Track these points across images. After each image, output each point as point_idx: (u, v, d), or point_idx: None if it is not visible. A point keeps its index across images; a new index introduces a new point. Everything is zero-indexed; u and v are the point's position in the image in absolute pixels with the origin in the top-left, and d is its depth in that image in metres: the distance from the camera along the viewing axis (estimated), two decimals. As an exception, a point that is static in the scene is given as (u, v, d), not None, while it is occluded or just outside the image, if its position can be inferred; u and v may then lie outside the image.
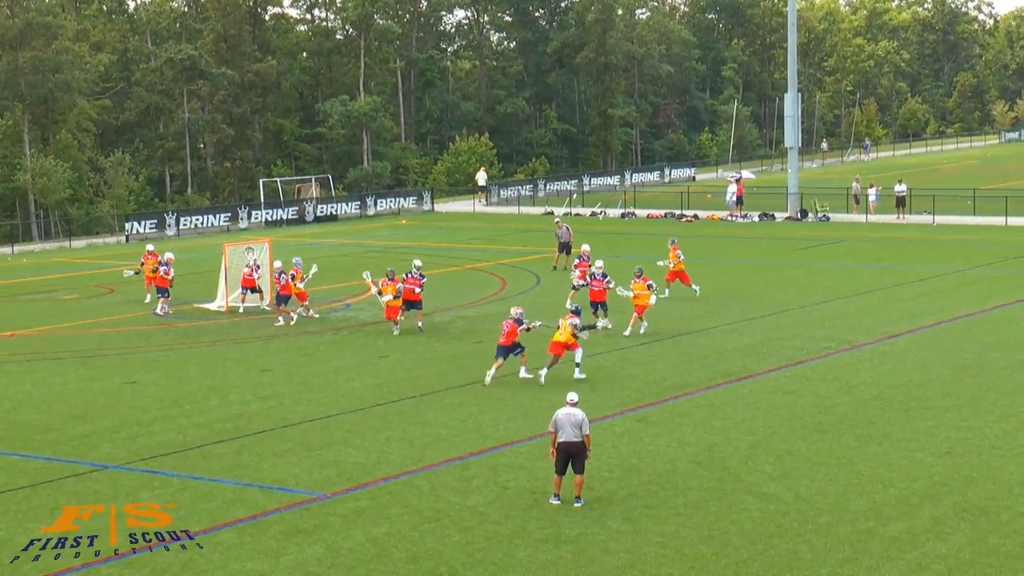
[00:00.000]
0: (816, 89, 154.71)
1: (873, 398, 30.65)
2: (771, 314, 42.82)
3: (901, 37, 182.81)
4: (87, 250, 70.84)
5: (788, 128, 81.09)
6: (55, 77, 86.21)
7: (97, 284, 54.29)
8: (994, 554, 20.21)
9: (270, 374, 34.90)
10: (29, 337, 41.83)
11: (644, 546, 20.83)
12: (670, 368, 34.39)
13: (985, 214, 72.66)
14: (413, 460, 26.07)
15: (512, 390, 32.19)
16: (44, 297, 51.50)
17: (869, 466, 24.98)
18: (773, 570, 19.75)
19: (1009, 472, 24.42)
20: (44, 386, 34.12)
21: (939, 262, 55.19)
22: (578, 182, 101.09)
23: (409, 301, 40.18)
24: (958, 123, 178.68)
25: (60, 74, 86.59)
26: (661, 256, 48.20)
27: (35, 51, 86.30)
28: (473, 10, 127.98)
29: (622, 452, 26.18)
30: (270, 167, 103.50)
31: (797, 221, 76.03)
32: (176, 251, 50.13)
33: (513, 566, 20.08)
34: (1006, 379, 32.34)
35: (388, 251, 64.54)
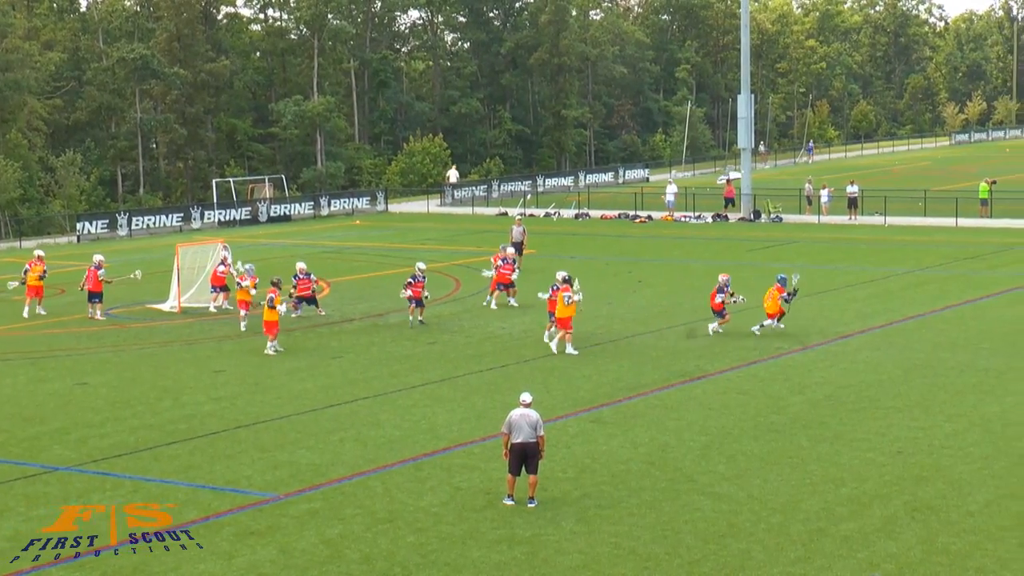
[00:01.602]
0: (769, 91, 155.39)
1: (825, 398, 30.81)
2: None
3: (853, 39, 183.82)
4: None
5: (741, 129, 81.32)
6: (5, 76, 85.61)
7: (48, 285, 53.72)
8: (944, 553, 20.35)
9: (223, 375, 34.76)
10: (-21, 338, 41.52)
11: (598, 546, 20.87)
12: (624, 369, 34.46)
13: (936, 215, 73.14)
14: (367, 461, 26.03)
15: (465, 391, 32.20)
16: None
17: (821, 466, 25.11)
18: (726, 570, 19.82)
19: (959, 471, 24.59)
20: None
21: (890, 263, 55.51)
22: (532, 183, 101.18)
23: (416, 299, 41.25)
24: (909, 125, 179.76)
25: (10, 73, 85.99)
26: (612, 255, 48.23)
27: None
28: (427, 11, 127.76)
29: (576, 453, 26.22)
30: (223, 167, 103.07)
31: (750, 222, 76.33)
32: (128, 252, 49.92)
33: (467, 567, 20.08)
34: (956, 379, 32.56)
35: (342, 252, 64.44)
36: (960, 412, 29.21)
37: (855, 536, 21.16)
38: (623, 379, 33.23)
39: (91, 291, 44.05)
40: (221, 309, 45.23)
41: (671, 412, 29.66)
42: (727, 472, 24.84)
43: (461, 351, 37.43)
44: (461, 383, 33.13)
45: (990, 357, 35.11)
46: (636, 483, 24.18)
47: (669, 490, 23.74)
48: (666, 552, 20.59)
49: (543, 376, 33.34)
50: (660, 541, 21.07)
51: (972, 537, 21.02)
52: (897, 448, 26.27)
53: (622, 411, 29.98)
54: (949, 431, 27.56)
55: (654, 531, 21.52)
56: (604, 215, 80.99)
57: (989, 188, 75.49)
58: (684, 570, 19.83)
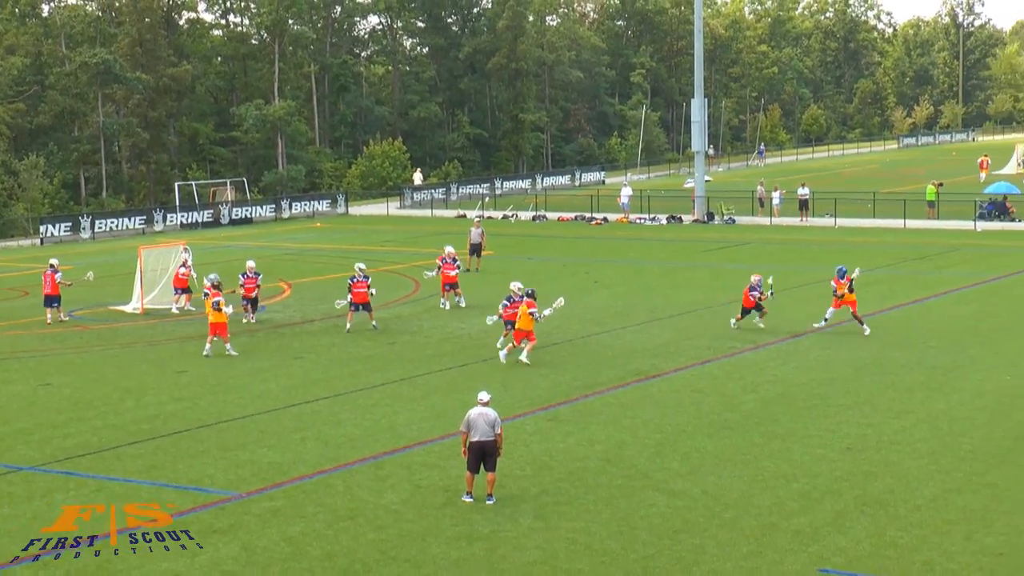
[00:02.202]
0: (722, 95, 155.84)
1: (777, 396, 30.95)
2: (679, 314, 43.12)
3: (804, 45, 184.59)
4: (1, 253, 69.90)
5: (695, 133, 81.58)
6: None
7: (11, 287, 53.55)
8: (892, 546, 20.49)
9: (185, 375, 34.64)
10: (-57, 340, 41.22)
11: (555, 542, 20.91)
12: (580, 367, 34.51)
13: (884, 217, 73.49)
14: (328, 460, 26.00)
15: (425, 390, 32.21)
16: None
17: (773, 462, 25.23)
18: (680, 564, 19.90)
19: (906, 467, 24.75)
20: (-42, 389, 33.68)
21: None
22: (490, 186, 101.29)
23: (360, 303, 40.54)
24: (859, 128, 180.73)
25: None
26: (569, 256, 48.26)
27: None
28: (386, 16, 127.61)
29: (533, 450, 26.26)
30: (185, 170, 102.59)
31: (704, 224, 76.57)
32: (92, 255, 49.64)
33: (427, 563, 20.10)
34: (904, 377, 32.77)
35: (303, 253, 64.31)
36: (908, 409, 29.41)
37: (806, 530, 21.27)
38: (580, 378, 33.28)
39: (48, 295, 43.49)
40: (183, 310, 45.07)
41: (627, 410, 29.74)
42: (681, 469, 24.93)
43: (420, 351, 37.43)
44: (421, 382, 33.13)
45: (937, 355, 35.36)
46: (593, 480, 24.24)
47: (625, 487, 23.81)
48: (622, 547, 20.66)
49: (501, 375, 33.38)
50: (616, 537, 21.14)
51: (919, 531, 21.17)
52: (847, 444, 26.42)
53: (579, 409, 30.04)
54: (897, 428, 27.74)
55: (610, 527, 21.59)
56: (561, 217, 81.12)
57: (936, 191, 75.97)
58: (640, 565, 19.90)
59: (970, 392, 30.97)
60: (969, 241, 63.55)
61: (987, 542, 20.63)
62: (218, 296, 37.20)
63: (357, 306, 40.58)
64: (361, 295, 40.42)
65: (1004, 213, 72.17)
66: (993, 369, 33.44)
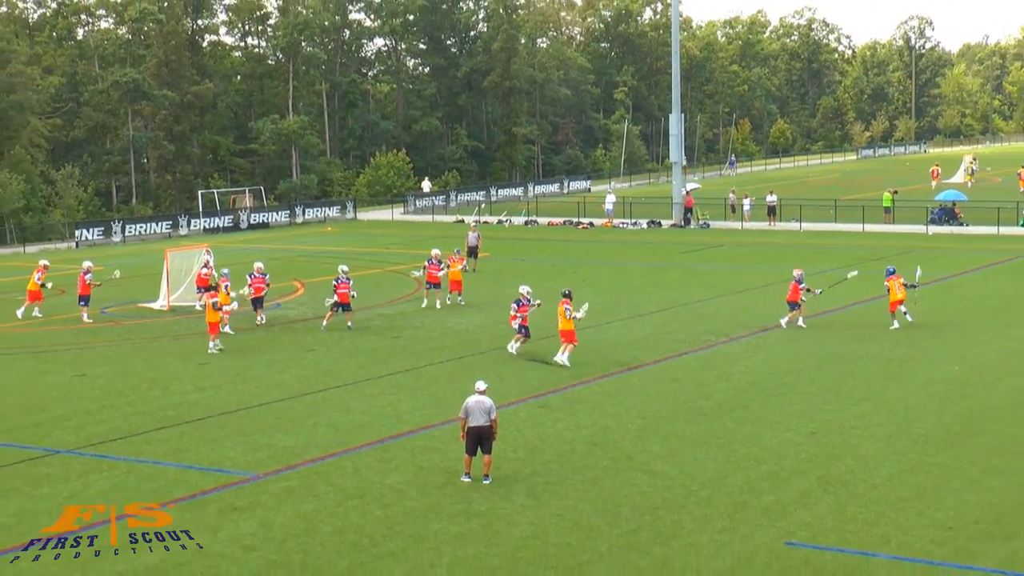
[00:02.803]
0: (697, 110, 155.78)
1: (748, 385, 30.95)
2: (659, 311, 43.12)
3: (771, 65, 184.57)
4: (40, 255, 69.64)
5: (672, 145, 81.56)
6: (9, 97, 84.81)
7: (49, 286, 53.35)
8: (852, 521, 20.50)
9: (207, 367, 34.59)
10: (-14, 334, 41.17)
11: (546, 519, 20.90)
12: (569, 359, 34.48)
13: (845, 221, 73.55)
14: (338, 443, 25.98)
15: (426, 380, 32.17)
16: (0, 298, 50.62)
17: (744, 445, 25.23)
18: (660, 538, 19.90)
19: (866, 449, 24.77)
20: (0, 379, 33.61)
21: (805, 264, 55.64)
22: (486, 193, 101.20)
23: (342, 304, 40.10)
24: (821, 141, 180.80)
25: (14, 95, 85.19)
26: (558, 257, 48.15)
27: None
28: (391, 38, 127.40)
29: (526, 435, 26.24)
30: (208, 179, 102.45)
31: (681, 228, 76.52)
32: (122, 256, 49.58)
33: (428, 538, 20.08)
34: (863, 367, 32.79)
35: (316, 255, 64.24)
36: (867, 396, 29.43)
37: (774, 507, 21.28)
38: (568, 369, 33.25)
39: (81, 295, 43.52)
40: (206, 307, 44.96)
41: (611, 398, 29.73)
42: (661, 451, 24.92)
43: (422, 344, 37.40)
44: (423, 373, 33.11)
45: (893, 348, 35.37)
46: (580, 462, 24.23)
47: (609, 468, 23.80)
48: (607, 523, 20.65)
49: (496, 366, 33.36)
50: (601, 513, 21.13)
51: (877, 507, 21.18)
52: (811, 429, 26.43)
53: (567, 397, 30.02)
54: (857, 413, 27.76)
55: (596, 504, 21.58)
56: (551, 222, 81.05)
57: (892, 197, 76.05)
58: (623, 539, 19.89)
59: (923, 381, 31.00)
60: (921, 243, 63.56)
61: (938, 516, 20.65)
62: (215, 297, 37.05)
63: (339, 306, 40.20)
64: (344, 295, 40.10)
65: (953, 218, 72.25)
66: (943, 360, 33.47)
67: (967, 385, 30.49)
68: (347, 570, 18.80)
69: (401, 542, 19.93)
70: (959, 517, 20.65)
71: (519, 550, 19.51)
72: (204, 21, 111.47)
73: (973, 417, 27.27)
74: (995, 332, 37.64)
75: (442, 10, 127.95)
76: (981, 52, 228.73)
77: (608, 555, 19.24)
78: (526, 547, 19.63)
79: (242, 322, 41.78)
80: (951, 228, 70.58)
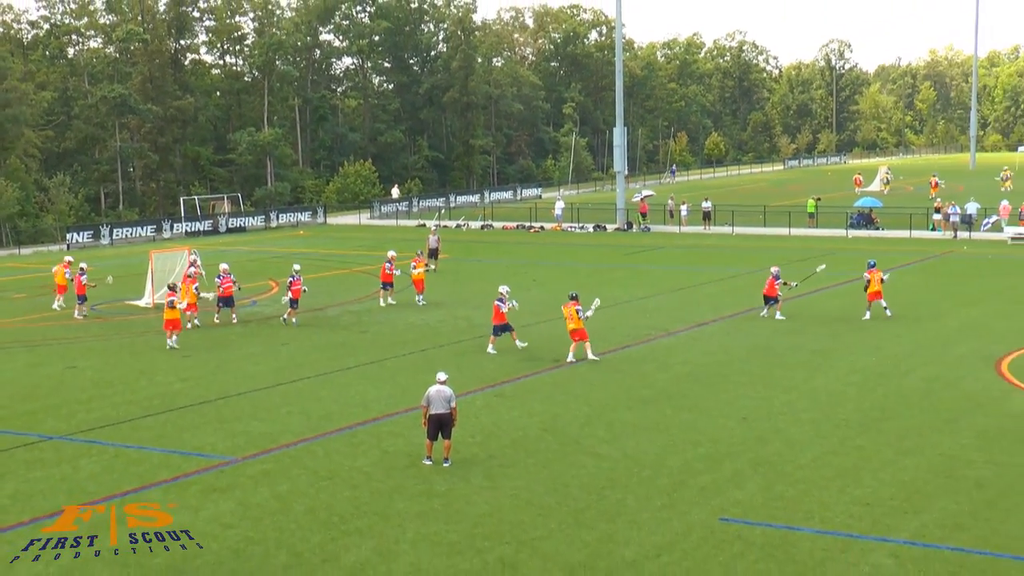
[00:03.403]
0: (639, 124, 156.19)
1: (686, 375, 31.05)
2: (604, 307, 43.07)
3: (706, 82, 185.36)
4: (33, 256, 69.12)
5: (616, 156, 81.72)
6: (5, 111, 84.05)
7: (42, 285, 52.96)
8: (780, 499, 20.61)
9: (190, 359, 34.38)
10: (-16, 330, 40.73)
11: (501, 498, 20.90)
12: (521, 352, 34.46)
13: (773, 226, 73.93)
14: (310, 430, 25.88)
15: (391, 371, 32.10)
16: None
17: (682, 430, 25.31)
18: (606, 515, 19.93)
19: (792, 433, 24.91)
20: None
21: (737, 265, 56.07)
22: (446, 199, 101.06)
23: (295, 299, 39.99)
24: (751, 152, 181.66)
25: (10, 108, 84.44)
26: (512, 258, 48.21)
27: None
28: (358, 58, 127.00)
29: (483, 421, 26.23)
30: (189, 187, 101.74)
31: (624, 231, 76.71)
32: (110, 258, 49.16)
33: (393, 516, 20.04)
34: (789, 358, 32.96)
35: (289, 257, 63.90)
36: (793, 385, 29.59)
37: (709, 487, 21.36)
38: (521, 361, 33.25)
39: (78, 294, 43.14)
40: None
41: (560, 388, 29.75)
42: (606, 436, 24.96)
43: (387, 339, 37.30)
44: (388, 365, 33.03)
45: (816, 340, 35.59)
46: (532, 446, 24.24)
47: (559, 451, 23.82)
48: (557, 502, 20.66)
49: (456, 359, 33.32)
50: (552, 493, 21.14)
51: (803, 486, 21.30)
52: (743, 415, 26.55)
53: (520, 387, 30.02)
54: (784, 400, 27.90)
55: (547, 485, 21.59)
56: (505, 226, 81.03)
57: (815, 204, 76.48)
58: (572, 517, 19.91)
59: (843, 371, 31.20)
60: (842, 246, 63.97)
61: (856, 494, 20.79)
62: (173, 296, 36.60)
63: (293, 301, 40.07)
64: (296, 291, 39.97)
65: (870, 223, 72.75)
66: (861, 353, 33.69)
67: (883, 375, 30.72)
68: (319, 546, 18.73)
69: (368, 520, 19.88)
70: (875, 494, 20.80)
71: (476, 527, 19.50)
72: (186, 41, 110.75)
73: (888, 404, 27.48)
74: (907, 326, 37.94)
75: (405, 31, 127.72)
76: (895, 72, 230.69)
77: (558, 531, 19.26)
78: (483, 524, 19.63)
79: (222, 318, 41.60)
80: (868, 232, 71.10)
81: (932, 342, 35.12)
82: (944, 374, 30.56)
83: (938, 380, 29.86)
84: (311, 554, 18.40)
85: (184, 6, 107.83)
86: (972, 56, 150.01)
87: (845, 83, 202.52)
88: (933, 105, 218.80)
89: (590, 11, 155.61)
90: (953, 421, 25.75)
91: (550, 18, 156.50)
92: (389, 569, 17.76)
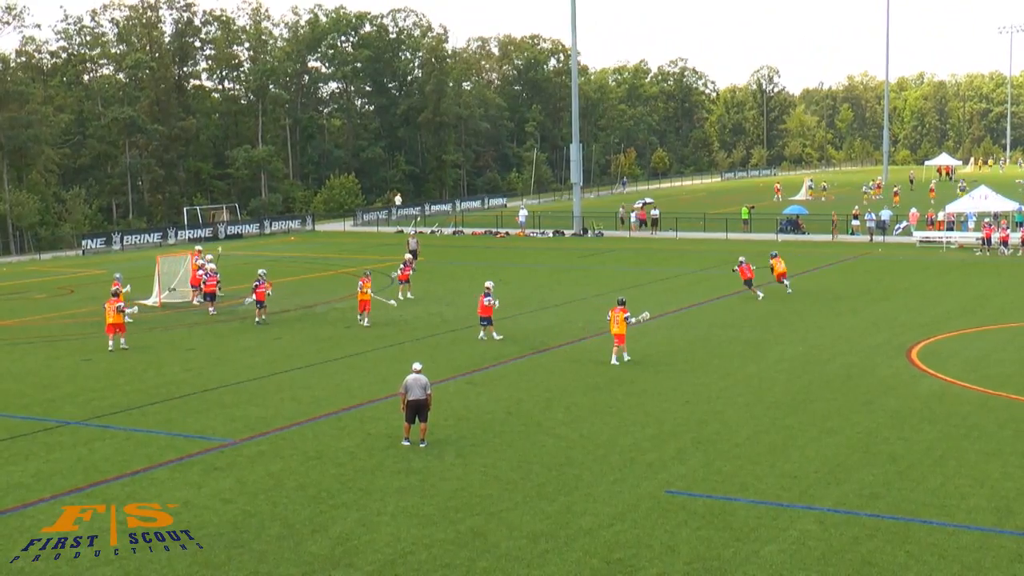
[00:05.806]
0: (593, 140, 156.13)
1: (634, 364, 31.09)
2: (562, 304, 43.22)
3: (652, 104, 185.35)
4: (52, 261, 68.56)
5: (573, 169, 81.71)
6: (27, 131, 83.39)
7: (60, 287, 52.55)
8: (719, 473, 20.68)
9: (193, 352, 34.19)
10: (8, 327, 40.33)
11: (471, 474, 20.88)
12: (489, 344, 34.48)
13: (712, 231, 74.17)
14: (300, 414, 25.77)
15: (373, 362, 32.01)
16: (19, 297, 49.70)
17: (632, 413, 25.36)
18: (565, 488, 19.95)
19: (728, 416, 25.00)
20: (19, 363, 32.99)
21: (681, 265, 56.24)
22: (421, 208, 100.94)
23: (260, 301, 39.57)
24: (692, 166, 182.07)
25: (31, 129, 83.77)
26: (480, 261, 47.98)
27: (12, 112, 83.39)
28: (343, 82, 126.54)
29: (455, 406, 26.20)
30: (191, 198, 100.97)
31: (580, 236, 76.77)
32: (121, 261, 48.88)
33: (375, 491, 19.98)
34: (726, 348, 33.09)
35: (281, 260, 63.60)
36: (729, 372, 29.71)
37: (656, 463, 21.41)
38: (489, 352, 33.26)
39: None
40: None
41: (523, 376, 29.76)
42: (564, 419, 24.98)
43: (370, 333, 37.20)
44: (370, 356, 32.94)
45: (750, 332, 35.74)
46: (499, 427, 24.23)
47: (522, 432, 23.82)
48: (521, 477, 20.66)
49: (431, 351, 33.26)
50: (516, 469, 21.14)
51: (738, 461, 21.38)
52: (686, 399, 26.63)
53: (489, 375, 30.01)
54: (722, 386, 28.00)
55: (512, 462, 21.59)
56: (474, 232, 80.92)
57: (749, 211, 76.86)
58: (535, 490, 19.91)
59: (774, 359, 31.35)
60: (772, 248, 64.18)
61: (785, 468, 20.89)
62: (120, 302, 35.27)
63: (259, 303, 39.67)
64: (261, 294, 39.59)
65: (797, 228, 73.16)
66: (790, 343, 33.87)
67: (808, 362, 30.89)
68: (308, 518, 18.66)
69: (353, 495, 19.81)
70: (802, 468, 20.91)
71: (450, 500, 19.47)
72: (189, 68, 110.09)
73: (813, 388, 27.63)
74: (829, 319, 38.16)
75: (385, 59, 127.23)
76: (817, 95, 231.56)
77: (522, 503, 19.25)
78: (455, 497, 19.59)
79: (223, 315, 41.39)
80: (795, 236, 71.46)
81: (851, 333, 35.33)
82: (861, 361, 30.75)
83: (856, 367, 30.04)
84: (302, 525, 18.33)
85: (187, 37, 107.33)
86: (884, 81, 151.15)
87: (774, 104, 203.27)
88: (851, 124, 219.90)
89: (549, 40, 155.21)
90: (869, 403, 25.91)
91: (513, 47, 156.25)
92: (372, 539, 17.71)
